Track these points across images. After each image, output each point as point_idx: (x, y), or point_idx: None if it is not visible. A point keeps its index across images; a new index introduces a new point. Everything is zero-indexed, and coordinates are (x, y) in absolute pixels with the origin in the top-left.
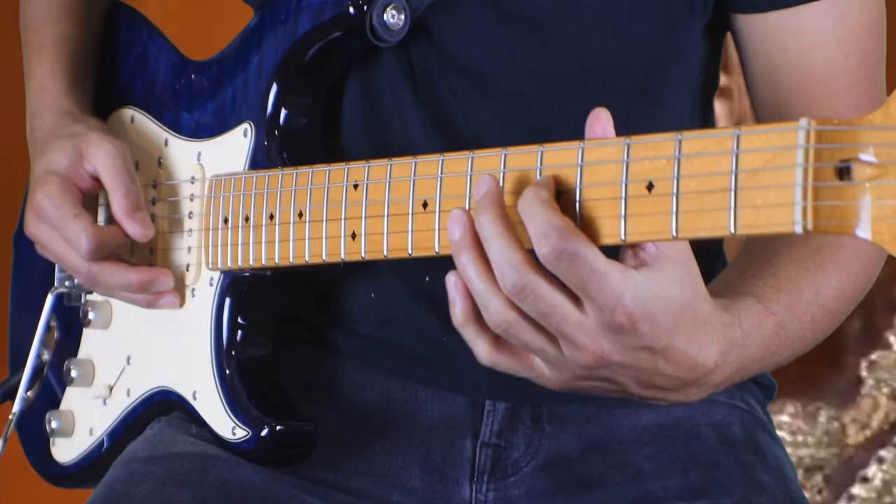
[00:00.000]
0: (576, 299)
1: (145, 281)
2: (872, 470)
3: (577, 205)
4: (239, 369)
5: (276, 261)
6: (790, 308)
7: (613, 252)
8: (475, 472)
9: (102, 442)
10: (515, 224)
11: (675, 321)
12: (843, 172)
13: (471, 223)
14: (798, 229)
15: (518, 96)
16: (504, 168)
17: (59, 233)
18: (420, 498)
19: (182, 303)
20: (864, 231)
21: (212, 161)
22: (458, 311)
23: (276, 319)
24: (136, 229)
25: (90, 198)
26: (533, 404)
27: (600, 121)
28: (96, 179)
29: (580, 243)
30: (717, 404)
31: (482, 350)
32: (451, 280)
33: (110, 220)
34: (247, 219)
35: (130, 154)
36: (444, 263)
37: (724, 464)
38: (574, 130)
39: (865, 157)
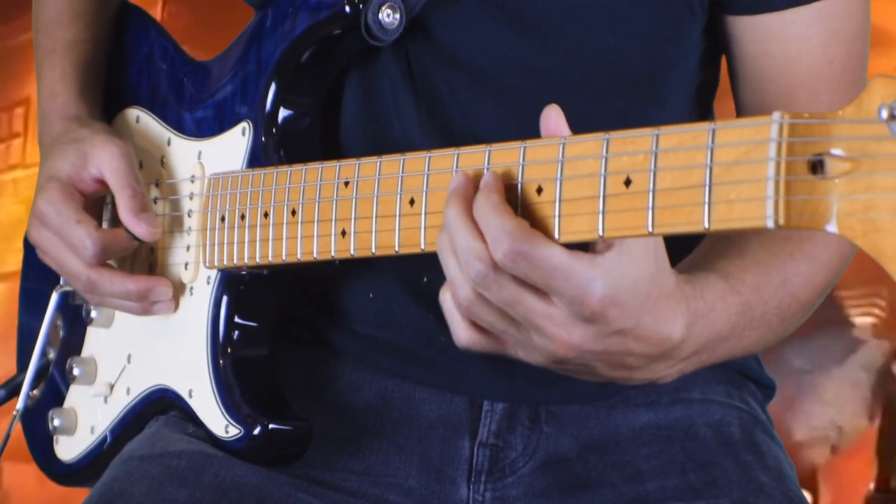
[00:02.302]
0: (542, 293)
1: (143, 290)
2: None
3: (557, 201)
4: (234, 367)
5: (270, 259)
6: (756, 289)
7: None
8: (473, 472)
9: (104, 440)
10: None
11: (642, 299)
12: (817, 167)
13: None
14: (770, 224)
15: (517, 96)
16: (488, 164)
17: (62, 238)
18: (417, 498)
19: (176, 308)
20: (834, 226)
21: (211, 160)
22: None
23: (273, 319)
24: (143, 230)
25: (93, 201)
26: (531, 405)
27: (552, 117)
28: (100, 182)
29: (534, 244)
30: (715, 404)
31: (459, 327)
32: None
33: (114, 220)
34: (242, 217)
35: (135, 154)
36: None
37: (722, 464)
38: (575, 131)
39: (838, 151)
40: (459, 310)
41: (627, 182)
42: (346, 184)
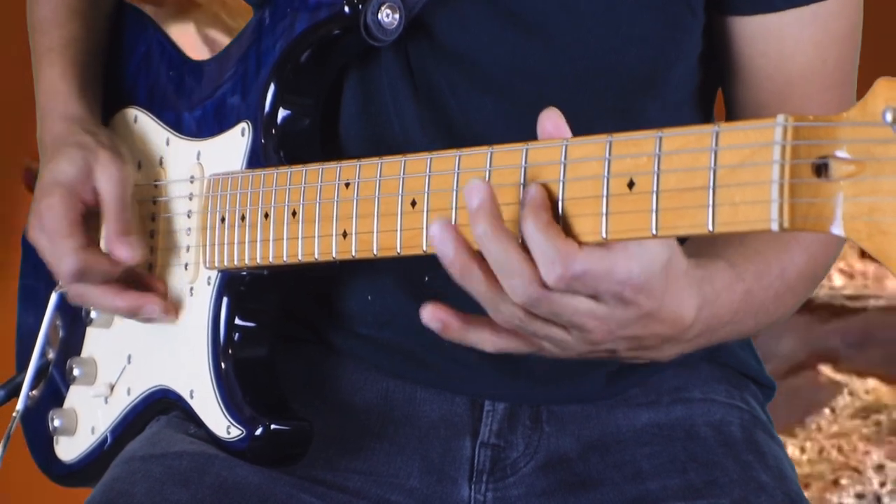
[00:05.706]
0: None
1: (133, 307)
2: None
3: (560, 202)
4: (235, 368)
5: (271, 259)
6: (757, 278)
7: None
8: (474, 472)
9: (104, 440)
10: (508, 223)
11: (665, 281)
12: (821, 169)
13: (460, 238)
14: (775, 227)
15: (518, 96)
16: (490, 166)
17: (53, 246)
18: (419, 498)
19: (176, 315)
20: (840, 229)
21: (210, 160)
22: (454, 332)
23: (274, 319)
24: (124, 252)
25: (95, 212)
26: (532, 404)
27: (551, 119)
28: (98, 195)
29: (585, 262)
30: (716, 404)
31: (488, 344)
32: (428, 313)
33: None
34: (243, 217)
35: (132, 179)
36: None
37: (723, 463)
38: (575, 131)
39: (842, 153)
40: (503, 326)
41: (630, 184)
42: (347, 185)
